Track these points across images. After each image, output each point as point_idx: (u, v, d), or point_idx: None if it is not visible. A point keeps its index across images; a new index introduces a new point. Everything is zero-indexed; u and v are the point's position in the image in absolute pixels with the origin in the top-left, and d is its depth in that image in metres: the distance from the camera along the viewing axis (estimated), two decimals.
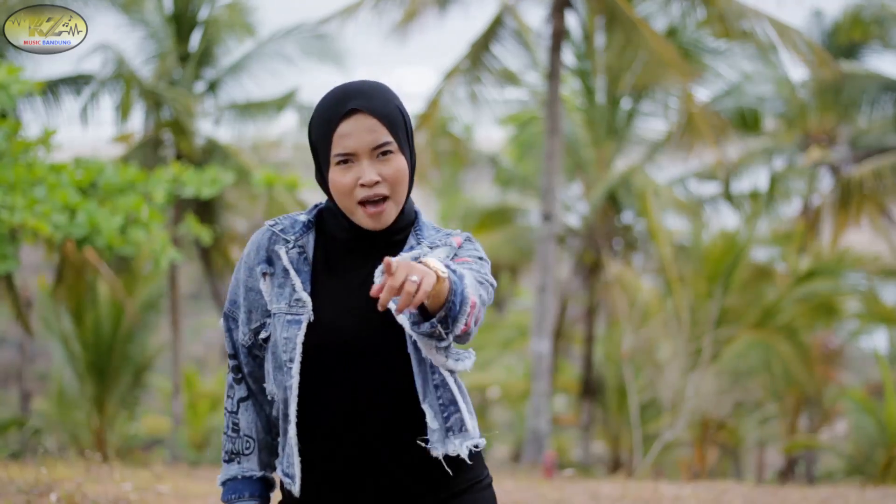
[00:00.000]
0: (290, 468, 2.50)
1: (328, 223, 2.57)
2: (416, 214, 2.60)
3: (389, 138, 2.47)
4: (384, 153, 2.47)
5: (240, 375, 2.62)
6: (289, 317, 2.48)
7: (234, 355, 2.62)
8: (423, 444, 2.46)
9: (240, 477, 2.61)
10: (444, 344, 2.41)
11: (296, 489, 2.48)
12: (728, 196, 22.08)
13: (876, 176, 18.91)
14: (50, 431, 19.07)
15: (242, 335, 2.60)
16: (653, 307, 17.38)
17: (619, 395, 19.98)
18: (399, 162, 2.49)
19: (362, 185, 2.46)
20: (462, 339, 2.39)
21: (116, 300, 17.21)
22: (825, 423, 19.84)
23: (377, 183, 2.46)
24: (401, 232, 2.55)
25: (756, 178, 22.34)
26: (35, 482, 6.17)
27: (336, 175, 2.48)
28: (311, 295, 2.50)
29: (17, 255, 9.00)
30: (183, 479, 8.67)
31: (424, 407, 2.45)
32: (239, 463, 2.62)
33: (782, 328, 17.58)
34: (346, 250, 2.54)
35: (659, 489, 8.91)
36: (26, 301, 17.76)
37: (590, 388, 21.19)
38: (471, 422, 2.50)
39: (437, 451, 2.45)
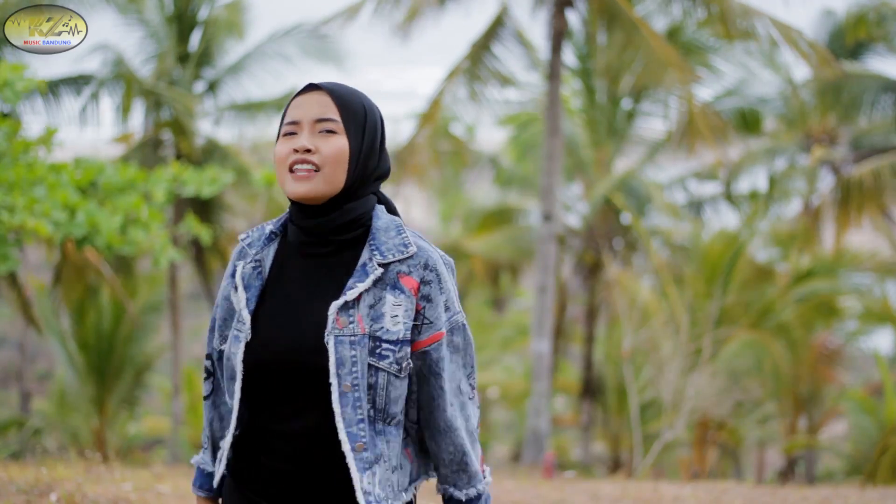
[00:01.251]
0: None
1: (288, 228, 2.58)
2: (370, 218, 2.53)
3: (336, 117, 2.47)
4: (328, 130, 2.47)
5: (207, 375, 2.70)
6: (235, 332, 2.52)
7: (209, 355, 2.69)
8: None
9: (198, 466, 2.72)
10: None
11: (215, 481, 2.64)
12: (728, 196, 22.09)
13: (875, 176, 18.91)
14: (50, 431, 19.07)
15: (213, 339, 2.65)
16: (652, 307, 17.38)
17: (619, 395, 19.98)
18: (340, 142, 2.47)
19: (294, 151, 2.46)
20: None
21: (117, 300, 17.21)
22: (825, 423, 19.83)
23: (308, 151, 2.46)
24: (347, 230, 2.50)
25: (756, 179, 22.36)
26: (35, 482, 6.17)
27: (279, 146, 2.50)
28: (257, 310, 2.51)
29: (18, 256, 9.01)
30: (183, 479, 8.67)
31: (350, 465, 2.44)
32: (201, 454, 2.73)
33: (782, 328, 17.59)
34: (299, 255, 2.53)
35: (659, 489, 8.91)
36: (29, 299, 17.74)
37: (590, 389, 21.18)
38: (404, 496, 2.51)
39: None
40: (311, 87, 2.50)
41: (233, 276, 2.59)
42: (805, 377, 18.32)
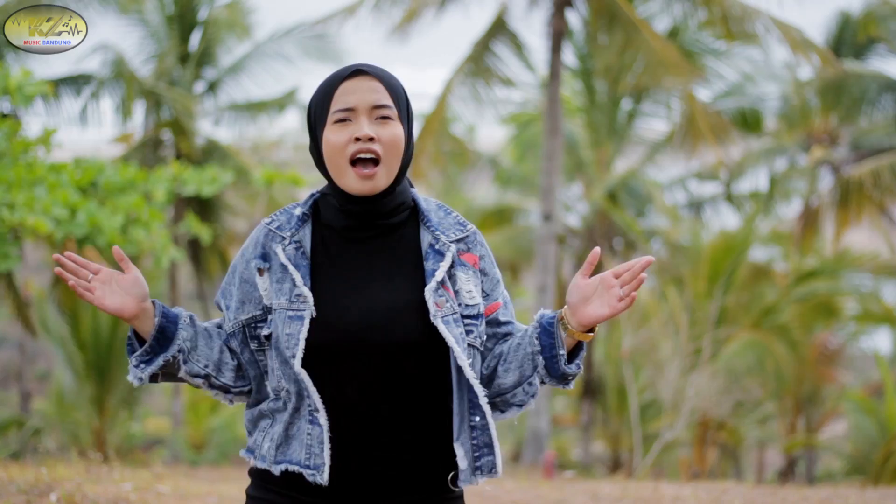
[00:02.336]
0: (311, 459, 2.43)
1: (323, 212, 2.54)
2: (414, 199, 2.55)
3: (391, 103, 2.46)
4: (384, 117, 2.45)
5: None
6: (290, 313, 2.44)
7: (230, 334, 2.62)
8: (451, 484, 2.48)
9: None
10: (567, 388, 2.52)
11: (323, 478, 2.41)
12: (729, 196, 22.09)
13: (875, 176, 18.92)
14: (50, 431, 19.05)
15: (227, 322, 2.58)
16: (652, 307, 17.38)
17: (619, 395, 19.97)
18: (397, 128, 2.46)
19: (357, 140, 2.42)
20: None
21: None
22: (825, 423, 19.83)
23: (372, 139, 2.42)
24: (395, 213, 2.50)
25: (757, 179, 22.37)
26: (35, 482, 6.17)
27: (331, 133, 2.45)
28: (312, 290, 2.46)
29: (18, 254, 9.01)
30: (183, 479, 8.67)
31: (456, 446, 2.43)
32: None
33: (782, 328, 17.58)
34: (343, 240, 2.50)
35: (659, 489, 8.91)
36: (26, 300, 17.74)
37: (590, 388, 21.18)
38: (501, 464, 2.49)
39: (462, 485, 2.46)
40: (359, 72, 2.46)
41: (262, 258, 2.51)
42: (805, 377, 18.32)
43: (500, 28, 16.96)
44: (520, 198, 24.22)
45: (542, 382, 2.51)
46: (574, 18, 17.05)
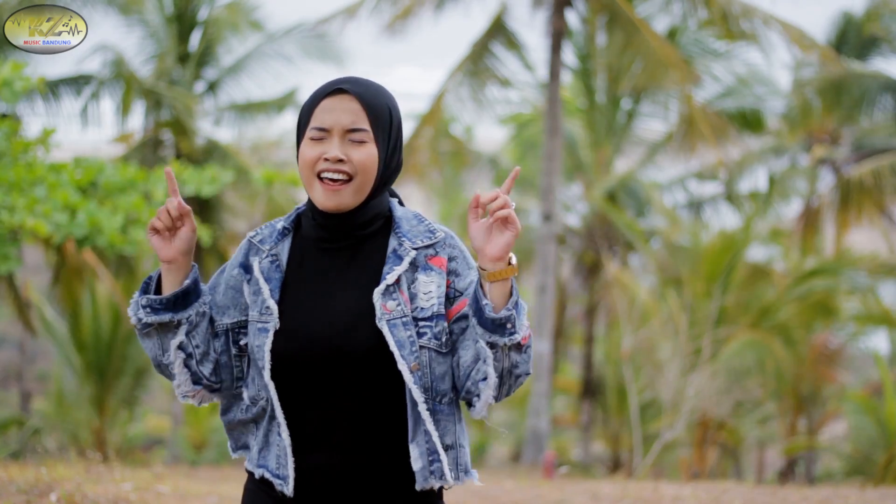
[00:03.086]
0: (280, 469, 2.51)
1: (304, 225, 2.59)
2: (390, 210, 2.58)
3: (367, 126, 2.48)
4: (357, 140, 2.48)
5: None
6: (259, 324, 2.51)
7: None
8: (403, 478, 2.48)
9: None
10: (512, 339, 2.40)
11: (289, 489, 2.49)
12: (728, 196, 22.08)
13: (875, 176, 18.92)
14: (50, 431, 19.05)
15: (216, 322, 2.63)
16: (652, 307, 17.38)
17: (619, 395, 19.97)
18: (370, 150, 2.48)
19: (325, 160, 2.47)
20: (522, 352, 2.43)
21: (116, 301, 17.20)
22: (825, 424, 19.83)
23: (340, 161, 2.47)
24: (369, 225, 2.54)
25: (757, 179, 22.37)
26: (35, 482, 6.16)
27: (306, 147, 2.50)
28: (280, 301, 2.51)
29: (18, 256, 9.01)
30: (183, 479, 8.67)
31: (411, 447, 2.46)
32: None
33: (781, 328, 17.58)
34: (318, 250, 2.55)
35: (659, 489, 8.91)
36: (26, 301, 17.75)
37: (590, 389, 21.19)
38: (451, 473, 2.49)
39: (418, 486, 2.48)
40: (338, 91, 2.49)
41: (245, 268, 2.57)
42: (805, 377, 18.31)
43: (499, 28, 16.95)
44: (520, 198, 24.21)
45: (491, 347, 2.43)
46: (574, 18, 17.04)
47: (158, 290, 2.55)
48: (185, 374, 2.57)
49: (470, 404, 2.54)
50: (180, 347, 2.54)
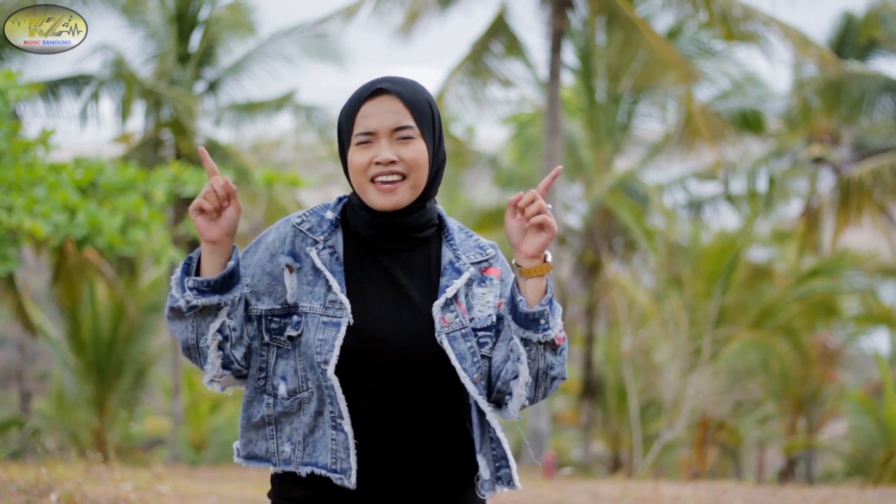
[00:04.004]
0: (338, 463, 2.46)
1: (351, 219, 2.56)
2: (440, 217, 2.60)
3: (412, 123, 2.48)
4: (405, 137, 2.47)
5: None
6: (325, 318, 2.46)
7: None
8: (479, 493, 2.53)
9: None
10: (545, 336, 2.42)
11: (351, 482, 2.45)
12: (728, 196, 22.08)
13: (875, 176, 18.92)
14: (50, 431, 19.06)
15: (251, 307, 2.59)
16: (652, 307, 17.38)
17: (619, 395, 19.98)
18: (419, 146, 2.48)
19: (377, 163, 2.46)
20: (556, 353, 2.46)
21: (116, 301, 17.20)
22: (825, 423, 19.83)
23: (392, 162, 2.46)
24: (424, 228, 2.55)
25: (757, 179, 22.36)
26: (35, 482, 6.17)
27: (354, 154, 2.48)
28: (346, 297, 2.48)
29: (17, 256, 9.01)
30: (183, 479, 8.67)
31: (479, 458, 2.50)
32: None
33: (781, 328, 17.59)
34: (374, 249, 2.53)
35: (659, 489, 8.91)
36: (24, 302, 17.73)
37: (590, 388, 21.19)
38: (517, 476, 2.53)
39: (485, 495, 2.52)
40: (378, 92, 2.48)
41: (294, 256, 2.51)
42: (805, 377, 18.31)
43: (499, 27, 16.95)
44: None
45: (525, 344, 2.44)
46: (574, 18, 17.04)
47: (197, 272, 2.48)
48: (216, 360, 2.49)
49: (500, 405, 2.53)
50: (219, 330, 2.47)
